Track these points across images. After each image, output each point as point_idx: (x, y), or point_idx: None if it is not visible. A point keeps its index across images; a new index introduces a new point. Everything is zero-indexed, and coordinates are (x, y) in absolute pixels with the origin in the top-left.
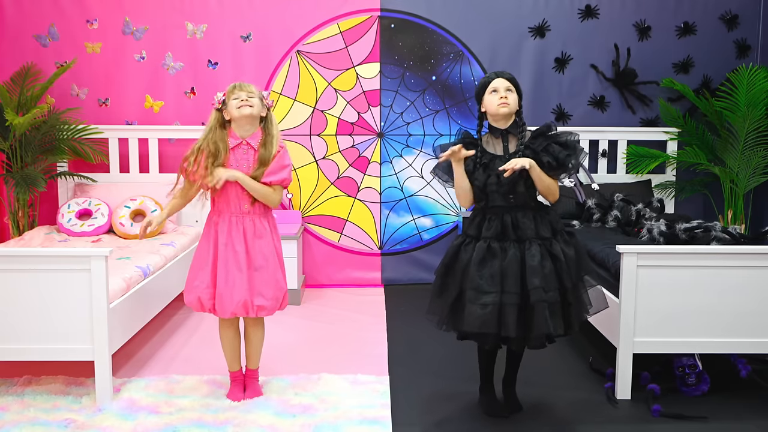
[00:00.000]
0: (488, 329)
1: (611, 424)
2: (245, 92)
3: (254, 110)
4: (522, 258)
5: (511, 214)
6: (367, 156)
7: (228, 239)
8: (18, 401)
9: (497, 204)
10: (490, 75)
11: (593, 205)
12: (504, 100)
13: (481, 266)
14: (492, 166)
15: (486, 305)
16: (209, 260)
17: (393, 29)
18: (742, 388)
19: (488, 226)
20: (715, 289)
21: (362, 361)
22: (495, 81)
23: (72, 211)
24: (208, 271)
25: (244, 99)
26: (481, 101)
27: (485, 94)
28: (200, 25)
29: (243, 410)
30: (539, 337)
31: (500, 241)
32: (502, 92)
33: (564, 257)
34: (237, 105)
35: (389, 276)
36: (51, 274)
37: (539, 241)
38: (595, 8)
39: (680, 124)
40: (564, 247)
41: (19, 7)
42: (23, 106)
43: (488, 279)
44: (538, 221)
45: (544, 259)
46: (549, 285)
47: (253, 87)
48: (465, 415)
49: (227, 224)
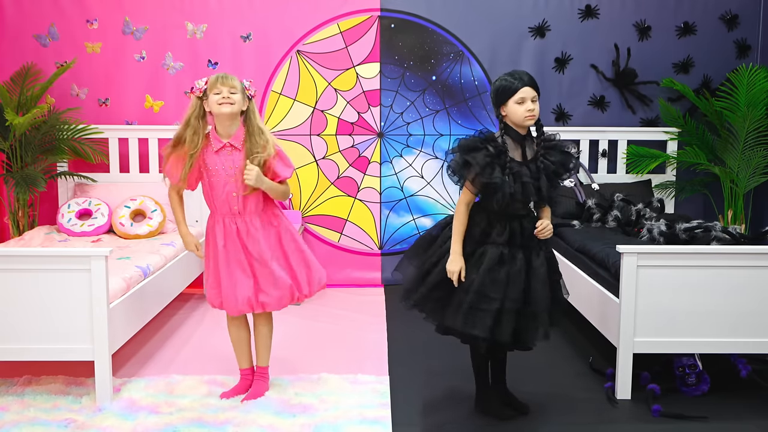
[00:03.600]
0: (485, 334)
1: (611, 424)
2: (227, 87)
3: (235, 108)
4: (527, 265)
5: (517, 220)
6: (367, 156)
7: (225, 241)
8: (18, 401)
9: (518, 213)
10: (513, 80)
11: (593, 205)
12: (531, 113)
13: (491, 273)
14: (520, 174)
15: (486, 311)
16: (212, 262)
17: (393, 29)
18: (742, 388)
19: (499, 232)
20: (715, 289)
21: (362, 361)
22: (523, 90)
23: (72, 211)
24: (214, 272)
25: (226, 96)
26: (501, 105)
27: (510, 101)
28: (200, 25)
29: (243, 410)
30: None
31: (510, 248)
32: (530, 104)
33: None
34: (218, 101)
35: (389, 276)
36: (51, 274)
37: (539, 248)
38: (595, 8)
39: (680, 124)
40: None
41: (19, 7)
42: (23, 106)
43: (494, 285)
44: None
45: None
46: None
47: (236, 80)
48: (465, 415)
49: (222, 225)
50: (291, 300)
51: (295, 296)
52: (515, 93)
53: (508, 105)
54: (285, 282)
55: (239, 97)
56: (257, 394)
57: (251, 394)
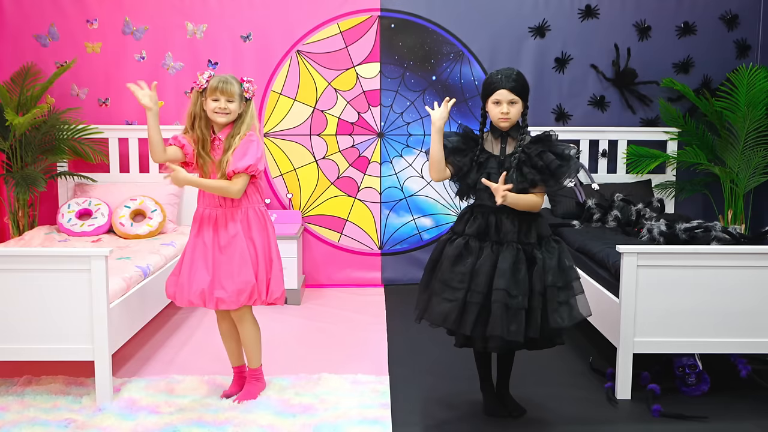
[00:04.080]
0: (448, 325)
1: (611, 424)
2: (225, 96)
3: (230, 117)
4: (496, 259)
5: (496, 215)
6: (367, 156)
7: (199, 229)
8: (18, 401)
9: (484, 203)
10: (495, 80)
11: (593, 205)
12: (505, 115)
13: (455, 262)
14: (486, 165)
15: (450, 300)
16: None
17: (393, 29)
18: (742, 388)
19: (471, 224)
20: (716, 289)
21: (362, 361)
22: (499, 93)
23: (72, 211)
24: (180, 261)
25: (223, 107)
26: (485, 101)
27: (488, 101)
28: (200, 25)
29: (243, 410)
30: (495, 338)
31: (480, 240)
32: (504, 107)
33: (543, 264)
34: (214, 109)
35: (389, 276)
36: (51, 274)
37: (519, 245)
38: (595, 8)
39: (680, 124)
40: (546, 254)
41: (19, 7)
42: (23, 106)
43: (458, 275)
44: (523, 226)
45: (518, 263)
46: (518, 290)
47: (235, 87)
48: (465, 415)
49: (201, 216)
50: (249, 299)
51: (253, 297)
52: (492, 93)
53: (487, 103)
54: (247, 278)
55: (236, 105)
56: (250, 395)
57: (244, 394)
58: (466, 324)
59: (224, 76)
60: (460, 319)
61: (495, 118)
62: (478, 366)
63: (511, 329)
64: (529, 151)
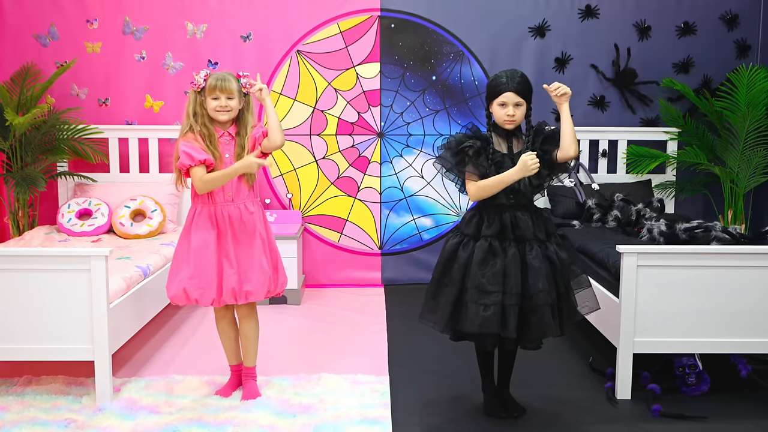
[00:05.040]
0: (489, 330)
1: (611, 424)
2: (225, 94)
3: (232, 114)
4: (522, 258)
5: (509, 213)
6: (367, 156)
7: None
8: (18, 401)
9: (500, 202)
10: (500, 82)
11: (593, 205)
12: (510, 118)
13: (483, 265)
14: (502, 164)
15: (488, 306)
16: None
17: (393, 29)
18: (742, 388)
19: (488, 225)
20: (715, 289)
21: (362, 361)
22: (505, 95)
23: (72, 211)
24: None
25: (223, 105)
26: (490, 102)
27: (494, 101)
28: (200, 25)
29: (243, 410)
30: (537, 339)
31: (500, 240)
32: (510, 109)
33: (558, 260)
34: (215, 108)
35: (389, 276)
36: (51, 274)
37: (537, 242)
38: (595, 8)
39: (680, 124)
40: (557, 250)
41: (19, 7)
42: (23, 106)
43: (490, 278)
44: (535, 222)
45: (543, 261)
46: (550, 288)
47: (233, 83)
48: (465, 415)
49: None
50: (270, 290)
51: (271, 288)
52: (498, 96)
53: (492, 105)
54: (266, 269)
55: (236, 101)
56: (254, 393)
57: (247, 393)
58: (510, 328)
59: (221, 74)
60: (504, 323)
61: (500, 120)
62: (480, 366)
63: (556, 327)
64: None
